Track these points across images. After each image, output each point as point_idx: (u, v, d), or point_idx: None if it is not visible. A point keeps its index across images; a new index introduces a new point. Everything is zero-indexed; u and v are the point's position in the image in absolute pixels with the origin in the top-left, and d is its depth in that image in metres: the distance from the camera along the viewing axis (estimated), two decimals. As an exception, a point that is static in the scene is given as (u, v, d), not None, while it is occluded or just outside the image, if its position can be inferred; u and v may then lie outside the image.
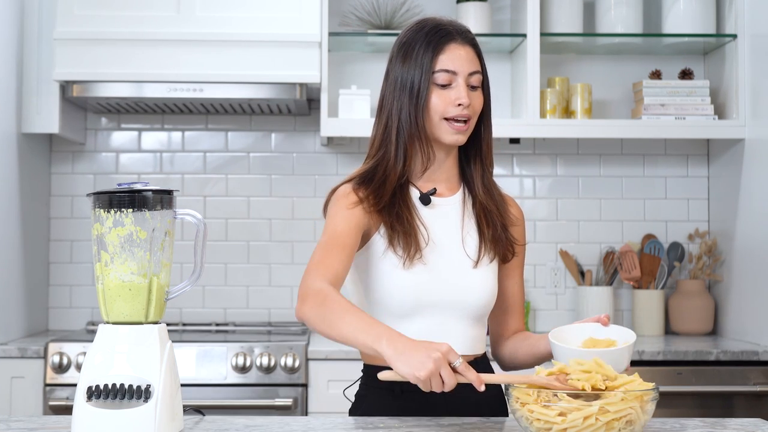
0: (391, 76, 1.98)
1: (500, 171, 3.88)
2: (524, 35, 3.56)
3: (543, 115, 3.63)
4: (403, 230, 1.92)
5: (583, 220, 3.90)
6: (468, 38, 1.97)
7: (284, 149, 3.89)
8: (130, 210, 1.64)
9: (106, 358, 1.63)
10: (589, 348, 1.77)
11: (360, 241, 1.92)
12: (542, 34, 3.57)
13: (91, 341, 1.84)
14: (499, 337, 2.11)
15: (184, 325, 3.73)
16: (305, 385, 3.20)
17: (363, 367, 2.02)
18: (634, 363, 3.12)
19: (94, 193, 1.67)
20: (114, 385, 1.61)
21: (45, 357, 3.18)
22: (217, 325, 3.74)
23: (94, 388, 1.61)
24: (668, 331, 3.79)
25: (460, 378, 1.60)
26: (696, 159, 3.91)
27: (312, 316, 1.75)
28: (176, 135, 3.89)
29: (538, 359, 1.97)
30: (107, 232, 1.65)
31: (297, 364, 3.19)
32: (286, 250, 3.86)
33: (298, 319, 1.80)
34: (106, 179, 3.83)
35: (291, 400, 3.16)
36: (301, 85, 3.43)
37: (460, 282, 1.95)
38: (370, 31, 3.65)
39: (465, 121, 1.94)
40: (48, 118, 3.48)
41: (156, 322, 1.69)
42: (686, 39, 3.64)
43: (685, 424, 1.81)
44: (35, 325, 3.67)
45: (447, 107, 1.93)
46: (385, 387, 1.92)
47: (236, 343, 3.23)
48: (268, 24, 3.40)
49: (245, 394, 3.18)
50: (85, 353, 3.16)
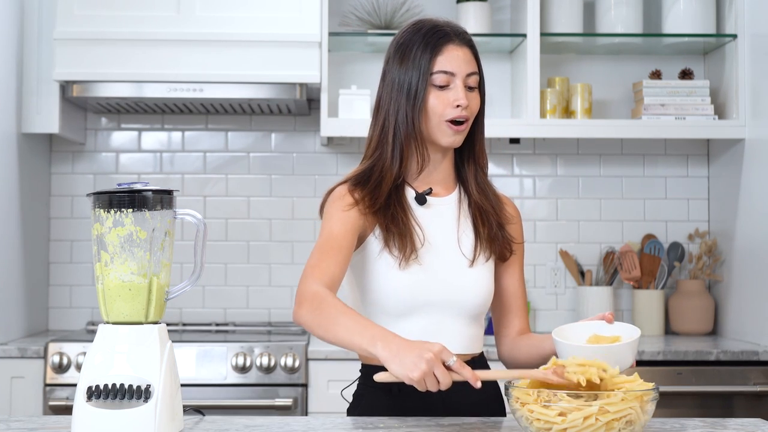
0: (388, 77, 1.97)
1: (500, 171, 3.88)
2: (524, 35, 3.56)
3: (543, 115, 3.63)
4: (398, 231, 1.92)
5: (583, 220, 3.90)
6: (465, 39, 1.97)
7: (284, 149, 3.89)
8: (130, 210, 1.64)
9: (106, 358, 1.64)
10: (593, 345, 1.77)
11: (356, 243, 1.92)
12: (542, 34, 3.56)
13: (91, 341, 1.83)
14: (504, 338, 2.09)
15: (184, 325, 3.73)
16: (305, 385, 3.21)
17: (361, 367, 2.03)
18: (634, 363, 3.11)
19: (94, 193, 1.67)
20: (114, 385, 1.61)
21: (45, 357, 3.18)
22: (217, 325, 3.74)
23: (94, 388, 1.61)
24: (668, 331, 3.79)
25: (456, 376, 1.60)
26: (696, 159, 3.91)
27: (308, 320, 1.76)
28: (176, 135, 3.89)
29: (543, 359, 1.95)
30: (107, 232, 1.65)
31: (297, 364, 3.19)
32: (286, 250, 3.86)
33: (296, 322, 1.80)
34: (106, 179, 3.83)
35: (291, 400, 3.16)
36: (301, 85, 3.43)
37: (456, 281, 1.95)
38: (370, 31, 3.65)
39: (462, 122, 1.94)
40: (48, 118, 3.48)
41: (156, 322, 1.69)
42: (686, 39, 3.64)
43: (685, 424, 1.81)
44: (35, 325, 3.67)
45: (445, 109, 1.93)
46: (382, 387, 1.92)
47: (236, 343, 3.23)
48: (268, 24, 3.40)
49: (245, 394, 3.18)
50: (85, 353, 3.16)
